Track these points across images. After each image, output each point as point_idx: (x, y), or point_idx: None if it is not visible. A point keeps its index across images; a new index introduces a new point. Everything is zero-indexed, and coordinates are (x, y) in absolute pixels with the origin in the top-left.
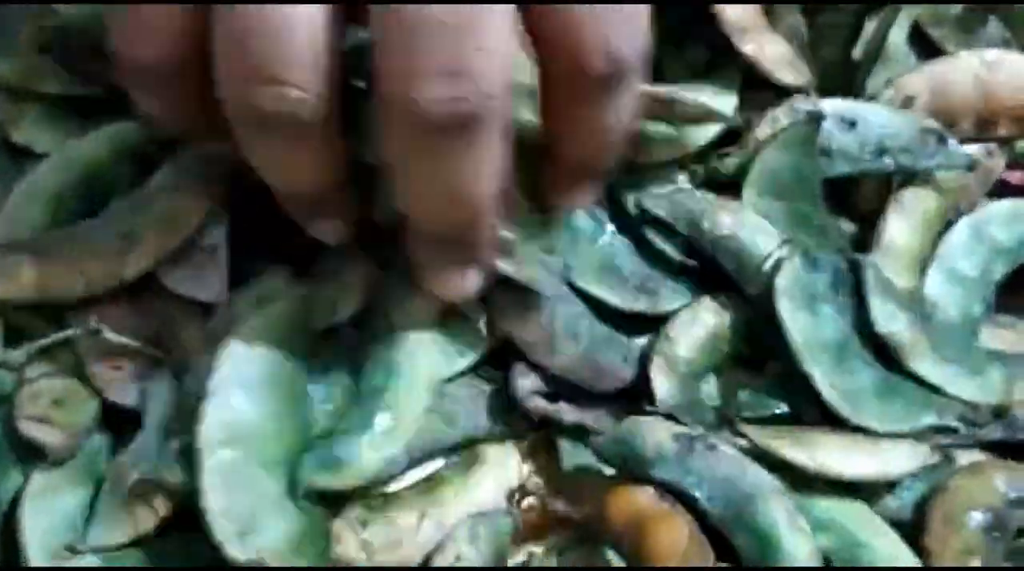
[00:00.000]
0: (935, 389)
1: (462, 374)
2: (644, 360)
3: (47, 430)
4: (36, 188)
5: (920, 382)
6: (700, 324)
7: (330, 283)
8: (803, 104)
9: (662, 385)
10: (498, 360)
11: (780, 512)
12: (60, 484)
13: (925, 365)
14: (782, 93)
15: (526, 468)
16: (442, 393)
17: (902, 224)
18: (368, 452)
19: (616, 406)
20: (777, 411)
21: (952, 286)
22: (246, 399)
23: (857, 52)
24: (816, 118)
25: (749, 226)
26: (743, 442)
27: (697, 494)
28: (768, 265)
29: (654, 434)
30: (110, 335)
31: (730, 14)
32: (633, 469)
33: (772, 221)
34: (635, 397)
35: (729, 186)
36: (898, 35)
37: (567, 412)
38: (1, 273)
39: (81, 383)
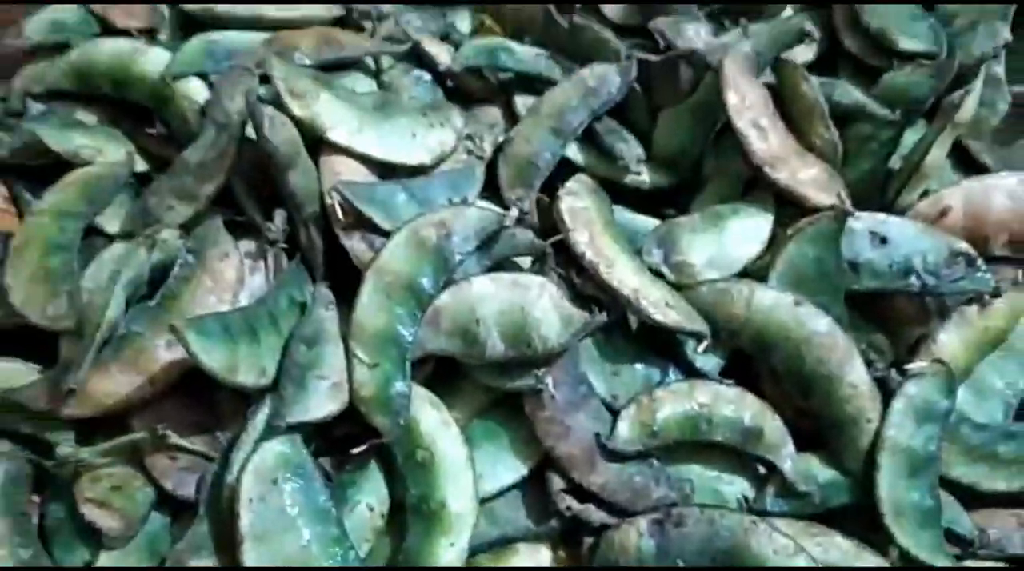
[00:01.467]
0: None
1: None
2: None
3: (106, 515)
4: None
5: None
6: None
7: None
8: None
9: (624, 429)
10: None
11: (766, 545)
12: (125, 564)
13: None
14: (816, 209)
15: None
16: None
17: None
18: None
19: None
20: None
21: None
22: (281, 537)
23: (895, 162)
24: (842, 215)
25: None
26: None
27: None
28: None
29: (627, 541)
30: (174, 439)
31: (759, 146)
32: None
33: None
34: None
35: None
36: (939, 148)
37: (593, 512)
38: (70, 394)
39: (138, 471)
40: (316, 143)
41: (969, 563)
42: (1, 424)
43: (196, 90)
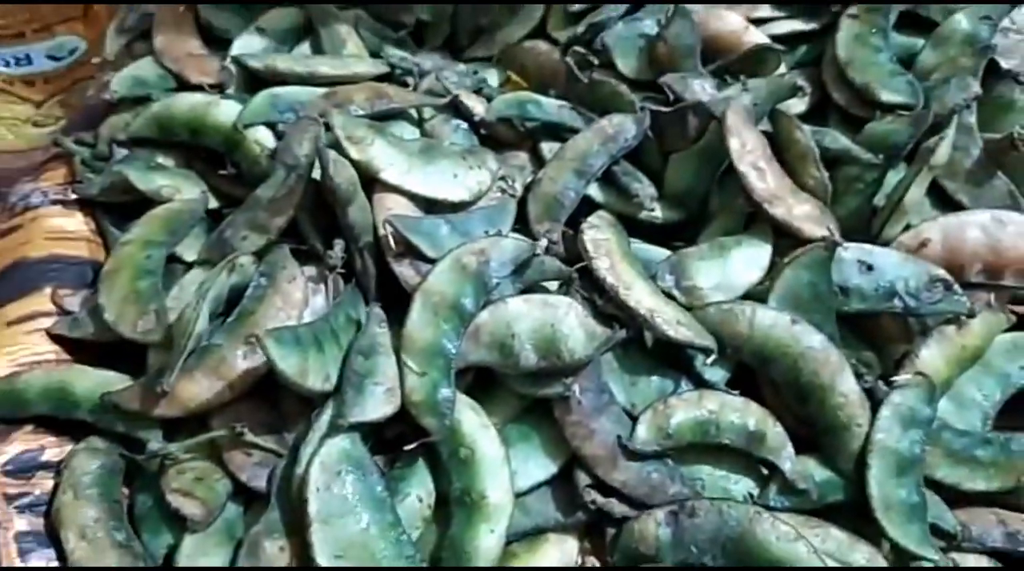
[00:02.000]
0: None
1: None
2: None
3: (190, 503)
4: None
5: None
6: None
7: None
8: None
9: (642, 432)
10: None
11: (769, 532)
12: (207, 547)
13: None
14: (810, 240)
15: (582, 553)
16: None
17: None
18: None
19: None
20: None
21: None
22: (343, 521)
23: (880, 199)
24: (832, 245)
25: None
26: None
27: (704, 561)
28: None
29: (646, 530)
30: (249, 437)
31: (758, 185)
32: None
33: None
34: None
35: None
36: (918, 187)
37: (616, 506)
38: (160, 397)
39: (217, 465)
40: (370, 182)
41: (953, 555)
42: (98, 423)
43: (264, 137)
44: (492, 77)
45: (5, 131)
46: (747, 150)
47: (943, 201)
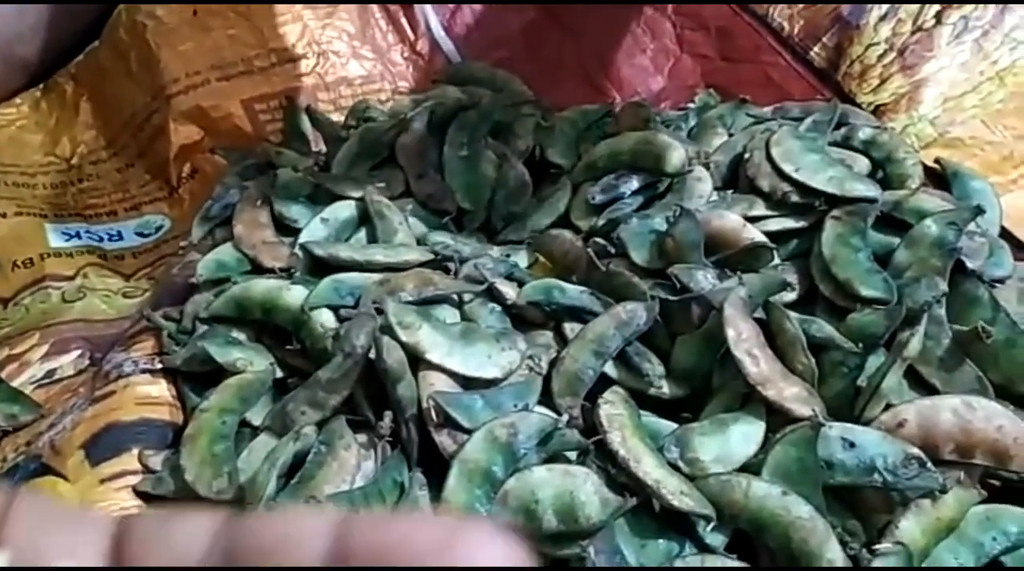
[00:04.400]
0: None
1: None
2: None
3: None
4: None
5: None
6: None
7: None
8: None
9: None
10: None
11: None
12: None
13: None
14: (799, 419)
15: None
16: None
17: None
18: None
19: None
20: None
21: None
22: None
23: (862, 380)
24: (817, 425)
25: None
26: None
27: None
28: None
29: None
30: None
31: (752, 370)
32: None
33: None
34: None
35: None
36: (895, 374)
37: None
38: None
39: None
40: (416, 361)
41: None
42: None
43: (327, 319)
44: (522, 259)
45: (99, 302)
46: (743, 338)
47: (919, 383)
